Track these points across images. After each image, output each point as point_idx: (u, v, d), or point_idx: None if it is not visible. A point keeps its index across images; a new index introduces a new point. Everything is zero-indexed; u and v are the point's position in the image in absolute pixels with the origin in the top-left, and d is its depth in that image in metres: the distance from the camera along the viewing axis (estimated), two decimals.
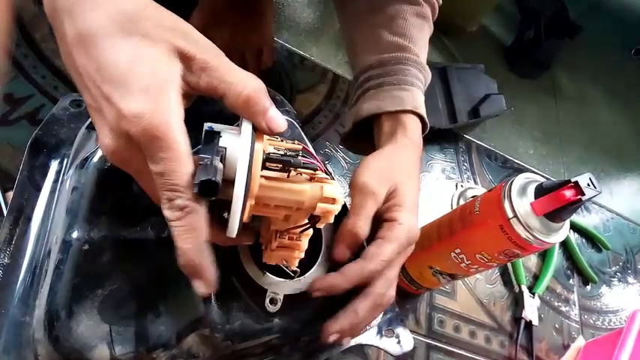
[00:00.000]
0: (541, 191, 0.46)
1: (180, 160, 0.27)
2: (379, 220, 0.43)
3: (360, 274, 0.39)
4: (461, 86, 0.86)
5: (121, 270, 0.35)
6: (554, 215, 0.46)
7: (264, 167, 0.31)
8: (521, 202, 0.47)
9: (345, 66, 0.84)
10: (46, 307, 0.34)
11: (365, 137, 0.53)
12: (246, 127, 0.30)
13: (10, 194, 0.46)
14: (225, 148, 0.29)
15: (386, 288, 0.41)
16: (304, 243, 0.37)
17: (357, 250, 0.41)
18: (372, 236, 0.42)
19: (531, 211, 0.46)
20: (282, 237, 0.36)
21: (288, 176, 0.32)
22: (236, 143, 0.29)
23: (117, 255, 0.36)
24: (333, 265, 0.41)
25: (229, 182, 0.28)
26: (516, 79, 1.10)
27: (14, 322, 0.37)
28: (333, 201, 0.32)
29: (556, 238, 0.47)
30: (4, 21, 0.33)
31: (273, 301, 0.39)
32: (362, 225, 0.41)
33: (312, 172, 0.32)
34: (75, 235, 0.35)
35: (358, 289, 0.41)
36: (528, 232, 0.46)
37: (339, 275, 0.39)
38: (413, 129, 0.49)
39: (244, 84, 0.30)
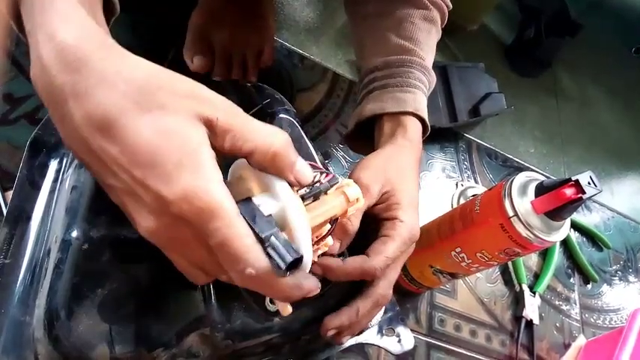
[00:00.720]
0: (541, 190, 0.46)
1: (235, 226, 0.26)
2: (379, 220, 0.43)
3: (361, 267, 0.39)
4: (461, 85, 0.86)
5: (120, 269, 0.35)
6: (555, 214, 0.45)
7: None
8: (522, 201, 0.46)
9: (345, 65, 0.84)
10: (46, 306, 0.33)
11: (367, 137, 0.53)
12: (282, 186, 0.29)
13: (10, 194, 0.46)
14: (271, 215, 0.29)
15: (387, 289, 0.42)
16: (329, 240, 0.37)
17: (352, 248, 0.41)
18: (374, 236, 0.43)
19: (532, 210, 0.46)
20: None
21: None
22: (276, 206, 0.29)
23: (116, 254, 0.36)
24: None
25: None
26: (517, 78, 1.10)
27: (14, 321, 0.37)
28: (357, 200, 0.34)
29: (557, 237, 0.47)
30: (3, 21, 0.32)
31: (273, 301, 0.39)
32: (352, 219, 0.41)
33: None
34: (74, 234, 0.35)
35: (361, 288, 0.41)
36: (529, 230, 0.46)
37: (339, 261, 0.39)
38: (413, 131, 0.50)
39: (270, 142, 0.29)
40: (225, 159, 0.30)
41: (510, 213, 0.46)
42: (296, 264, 0.27)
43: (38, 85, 0.28)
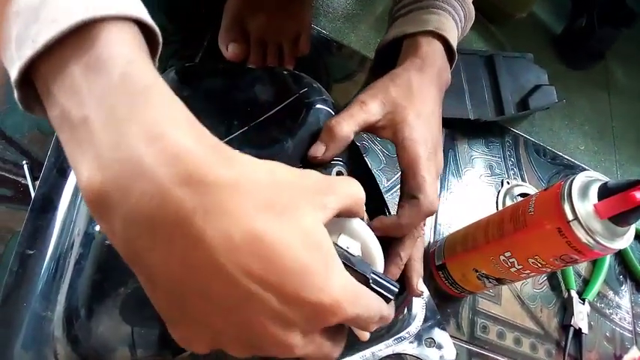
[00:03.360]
0: (606, 192, 0.42)
1: (370, 294, 0.28)
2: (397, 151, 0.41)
3: (418, 209, 0.38)
4: (509, 76, 0.81)
5: None
6: (621, 219, 0.41)
7: None
8: (583, 204, 0.42)
9: None
10: (66, 304, 0.32)
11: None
12: (360, 225, 0.32)
13: None
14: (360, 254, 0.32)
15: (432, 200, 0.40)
16: None
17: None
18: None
19: (594, 214, 0.42)
20: None
21: None
22: (358, 244, 0.32)
23: None
24: None
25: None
26: (566, 70, 1.04)
27: (35, 316, 0.36)
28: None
29: (620, 244, 0.43)
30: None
31: None
32: (340, 121, 0.39)
33: None
34: (97, 227, 0.33)
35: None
36: (590, 236, 0.42)
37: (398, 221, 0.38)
38: (426, 49, 0.45)
39: (355, 197, 0.30)
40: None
41: (570, 216, 0.42)
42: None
43: (116, 196, 0.21)
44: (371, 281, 0.29)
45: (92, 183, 0.21)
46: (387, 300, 0.29)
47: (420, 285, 0.40)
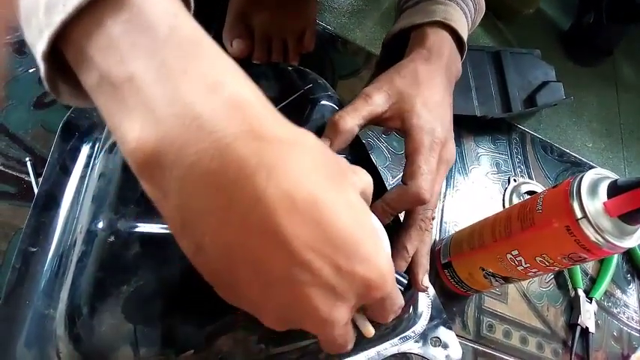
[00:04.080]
0: (615, 190, 0.41)
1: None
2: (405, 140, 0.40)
3: (405, 194, 0.38)
4: (516, 73, 0.80)
5: (148, 265, 0.33)
6: (631, 217, 0.41)
7: None
8: (592, 202, 0.42)
9: None
10: (68, 302, 0.31)
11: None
12: (376, 221, 0.32)
13: None
14: None
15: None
16: None
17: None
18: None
19: (603, 212, 0.41)
20: None
21: None
22: None
23: (145, 248, 0.33)
24: None
25: None
26: (573, 67, 1.03)
27: (38, 314, 0.35)
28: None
29: (630, 243, 0.42)
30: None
31: None
32: (344, 115, 0.38)
33: None
34: (100, 225, 0.33)
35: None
36: (599, 234, 0.41)
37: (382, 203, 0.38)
38: (433, 39, 0.44)
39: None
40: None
41: (579, 215, 0.42)
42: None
43: (171, 156, 0.20)
44: None
45: (145, 142, 0.20)
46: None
47: (425, 280, 0.40)
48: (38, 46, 0.21)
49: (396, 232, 0.40)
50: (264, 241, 0.21)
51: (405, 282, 0.29)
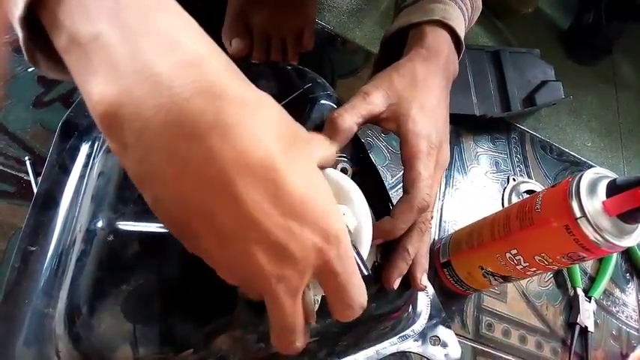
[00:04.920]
0: (614, 189, 0.41)
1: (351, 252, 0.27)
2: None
3: (411, 204, 0.37)
4: (515, 72, 0.80)
5: (147, 264, 0.33)
6: (630, 216, 0.41)
7: None
8: (591, 201, 0.42)
9: None
10: (67, 301, 0.31)
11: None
12: (362, 205, 0.34)
13: None
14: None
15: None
16: None
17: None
18: None
19: (602, 211, 0.41)
20: None
21: None
22: (354, 223, 0.33)
23: (144, 248, 0.33)
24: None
25: None
26: (573, 66, 1.03)
27: (37, 313, 0.35)
28: None
29: (629, 242, 0.42)
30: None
31: None
32: (342, 113, 0.38)
33: None
34: (99, 224, 0.33)
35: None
36: (598, 233, 0.41)
37: (388, 219, 0.37)
38: (433, 38, 0.44)
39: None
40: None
41: (578, 214, 0.42)
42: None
43: (130, 109, 0.21)
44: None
45: (105, 96, 0.21)
46: None
47: (423, 280, 0.40)
48: (15, 11, 0.22)
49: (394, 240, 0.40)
50: (217, 196, 0.22)
51: (366, 273, 0.29)
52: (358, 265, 0.28)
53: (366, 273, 0.28)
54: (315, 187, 0.24)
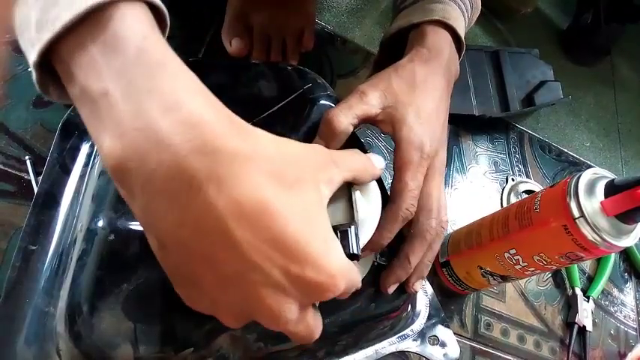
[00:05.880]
0: (613, 189, 0.41)
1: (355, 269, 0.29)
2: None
3: (395, 214, 0.38)
4: (514, 72, 0.80)
5: (148, 263, 0.32)
6: (628, 216, 0.41)
7: None
8: (590, 201, 0.42)
9: None
10: (68, 300, 0.31)
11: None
12: (377, 196, 0.36)
13: None
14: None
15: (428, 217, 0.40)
16: None
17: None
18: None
19: (601, 211, 0.41)
20: None
21: None
22: (366, 210, 0.34)
23: (144, 247, 0.33)
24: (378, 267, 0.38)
25: None
26: (572, 66, 1.03)
27: (38, 312, 0.35)
28: None
29: (627, 242, 0.42)
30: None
31: None
32: (337, 113, 0.38)
33: None
34: (100, 223, 0.33)
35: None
36: (596, 233, 0.41)
37: (377, 230, 0.37)
38: (433, 38, 0.44)
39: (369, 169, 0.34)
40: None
41: (576, 214, 0.42)
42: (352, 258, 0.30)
43: (134, 164, 0.22)
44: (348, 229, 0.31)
45: (113, 151, 0.23)
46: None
47: (416, 286, 0.40)
48: (30, 56, 0.24)
49: (402, 240, 0.40)
50: (217, 242, 0.23)
51: (355, 252, 0.31)
52: (350, 242, 0.30)
53: (355, 252, 0.30)
54: (312, 226, 0.25)
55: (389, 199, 0.39)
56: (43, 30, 0.23)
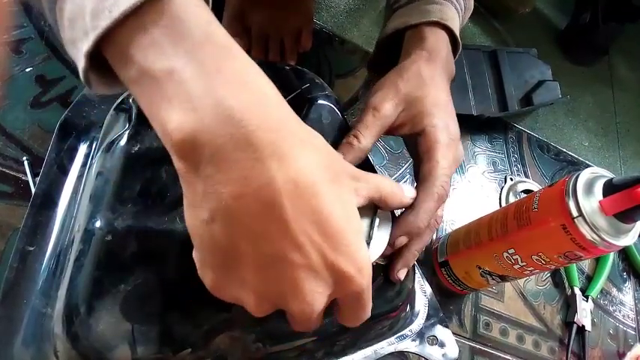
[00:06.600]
0: (611, 188, 0.41)
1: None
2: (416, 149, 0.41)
3: (430, 192, 0.38)
4: (512, 72, 0.80)
5: (146, 264, 0.33)
6: (626, 215, 0.41)
7: None
8: (588, 200, 0.42)
9: None
10: (65, 301, 0.31)
11: (394, 62, 0.48)
12: (387, 226, 0.37)
13: None
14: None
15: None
16: None
17: None
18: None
19: (599, 210, 0.41)
20: None
21: None
22: (384, 237, 0.36)
23: (142, 247, 0.33)
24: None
25: None
26: (570, 66, 1.03)
27: (35, 313, 0.35)
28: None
29: (625, 241, 0.42)
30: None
31: None
32: (358, 136, 0.39)
33: None
34: (98, 224, 0.33)
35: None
36: (595, 233, 0.41)
37: (414, 212, 0.38)
38: (432, 40, 0.44)
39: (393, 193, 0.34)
40: None
41: (575, 213, 0.42)
42: None
43: (206, 136, 0.23)
44: None
45: (183, 125, 0.23)
46: None
47: (400, 273, 0.40)
48: (82, 45, 0.25)
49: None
50: (268, 217, 0.24)
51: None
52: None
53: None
54: (351, 221, 0.27)
55: (419, 182, 0.39)
56: (99, 18, 0.24)
